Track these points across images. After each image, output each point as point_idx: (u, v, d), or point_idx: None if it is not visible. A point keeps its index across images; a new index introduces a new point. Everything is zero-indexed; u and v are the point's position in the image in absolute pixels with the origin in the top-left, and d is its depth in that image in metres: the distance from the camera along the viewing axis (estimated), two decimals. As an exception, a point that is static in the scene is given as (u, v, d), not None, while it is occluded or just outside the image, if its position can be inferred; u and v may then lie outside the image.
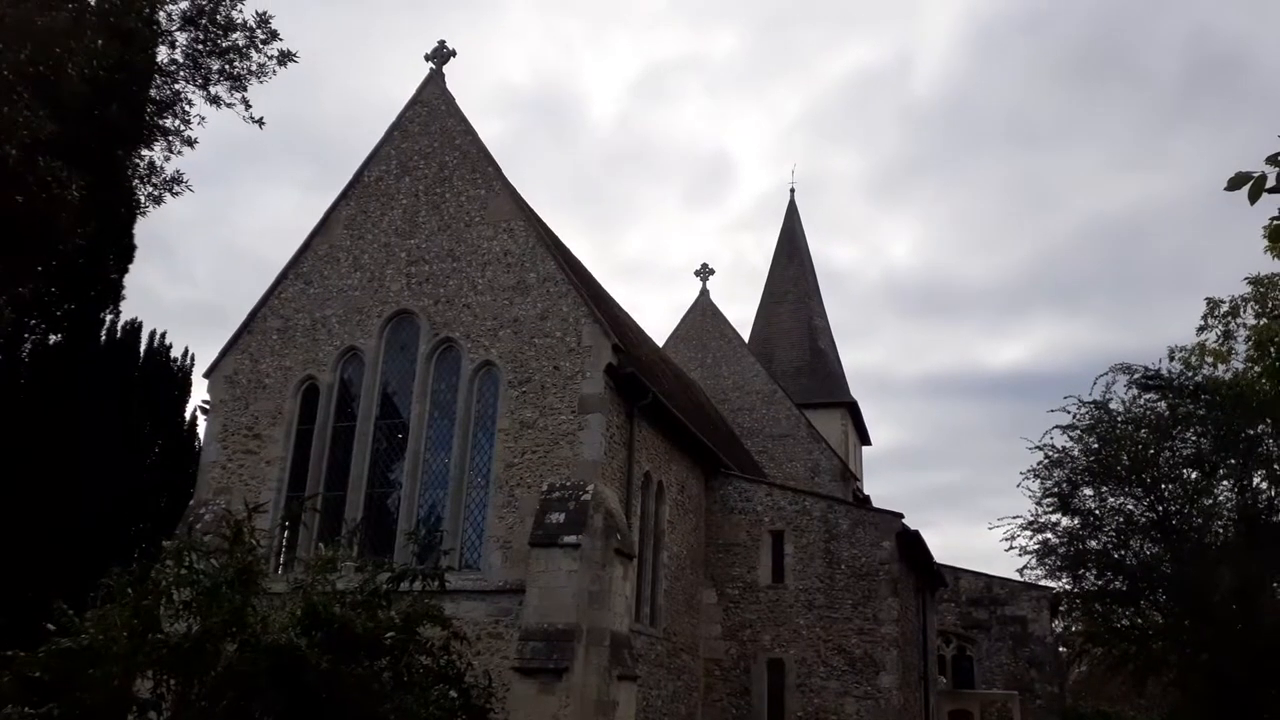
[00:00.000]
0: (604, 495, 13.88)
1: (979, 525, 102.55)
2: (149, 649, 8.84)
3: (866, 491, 32.71)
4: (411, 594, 10.58)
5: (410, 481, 15.06)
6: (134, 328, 24.15)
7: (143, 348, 24.17)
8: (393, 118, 17.29)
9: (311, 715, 8.80)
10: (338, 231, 16.90)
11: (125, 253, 21.84)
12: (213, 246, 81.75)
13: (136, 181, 20.47)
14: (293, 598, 9.65)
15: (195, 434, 24.63)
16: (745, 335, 33.13)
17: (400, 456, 15.45)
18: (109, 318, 22.40)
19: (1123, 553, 20.06)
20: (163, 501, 22.68)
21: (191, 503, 16.25)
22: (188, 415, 25.59)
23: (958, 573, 28.67)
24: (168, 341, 24.99)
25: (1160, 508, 19.54)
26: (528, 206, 16.96)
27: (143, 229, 21.97)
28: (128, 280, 22.33)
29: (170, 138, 19.93)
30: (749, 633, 18.22)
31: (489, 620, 13.74)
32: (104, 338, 22.39)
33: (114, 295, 22.09)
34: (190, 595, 9.33)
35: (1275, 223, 4.35)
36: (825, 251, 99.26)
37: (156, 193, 20.47)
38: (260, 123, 19.59)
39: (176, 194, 20.49)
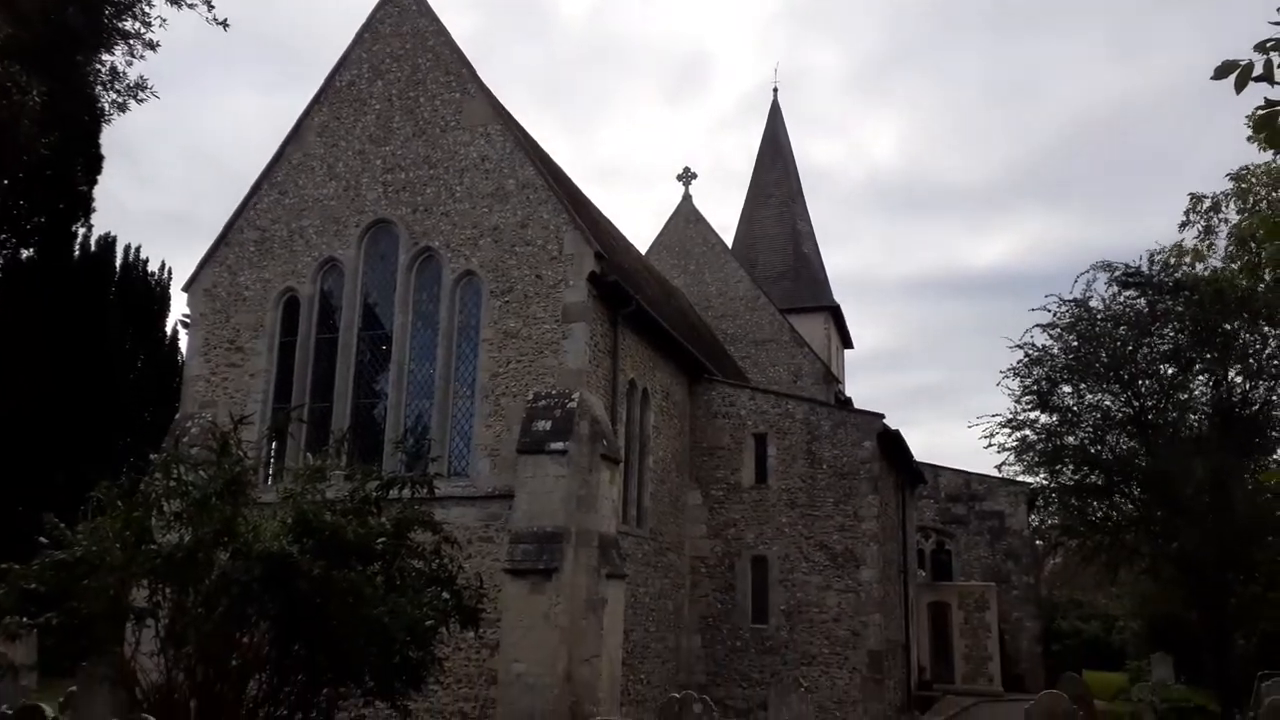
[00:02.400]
0: (589, 403, 13.96)
1: (959, 424, 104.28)
2: (143, 559, 8.95)
3: (848, 393, 33.08)
4: (401, 501, 10.71)
5: (396, 392, 15.09)
6: (108, 241, 23.78)
7: (118, 261, 23.84)
8: (359, 18, 16.75)
9: (307, 619, 9.00)
10: (310, 139, 16.51)
11: (93, 162, 21.35)
12: (175, 152, 79.91)
13: (99, 88, 19.86)
14: (283, 507, 9.75)
15: (177, 348, 24.52)
16: (728, 240, 32.93)
17: (385, 367, 15.44)
18: (81, 230, 22.02)
19: (1099, 448, 20.47)
20: (148, 415, 22.73)
21: (177, 416, 16.26)
22: (168, 329, 25.39)
23: (937, 470, 29.29)
24: (143, 255, 24.64)
25: (1137, 403, 19.88)
26: (504, 110, 16.58)
27: (105, 135, 21.31)
28: (96, 191, 21.85)
29: (131, 41, 19.26)
30: (733, 531, 18.64)
31: (479, 525, 13.97)
32: (77, 252, 22.05)
33: (84, 207, 21.67)
34: (180, 506, 9.42)
35: (1261, 113, 4.28)
36: (808, 150, 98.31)
37: (120, 99, 19.89)
38: (224, 24, 18.92)
39: (141, 100, 19.92)
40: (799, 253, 34.18)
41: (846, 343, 36.57)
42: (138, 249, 25.72)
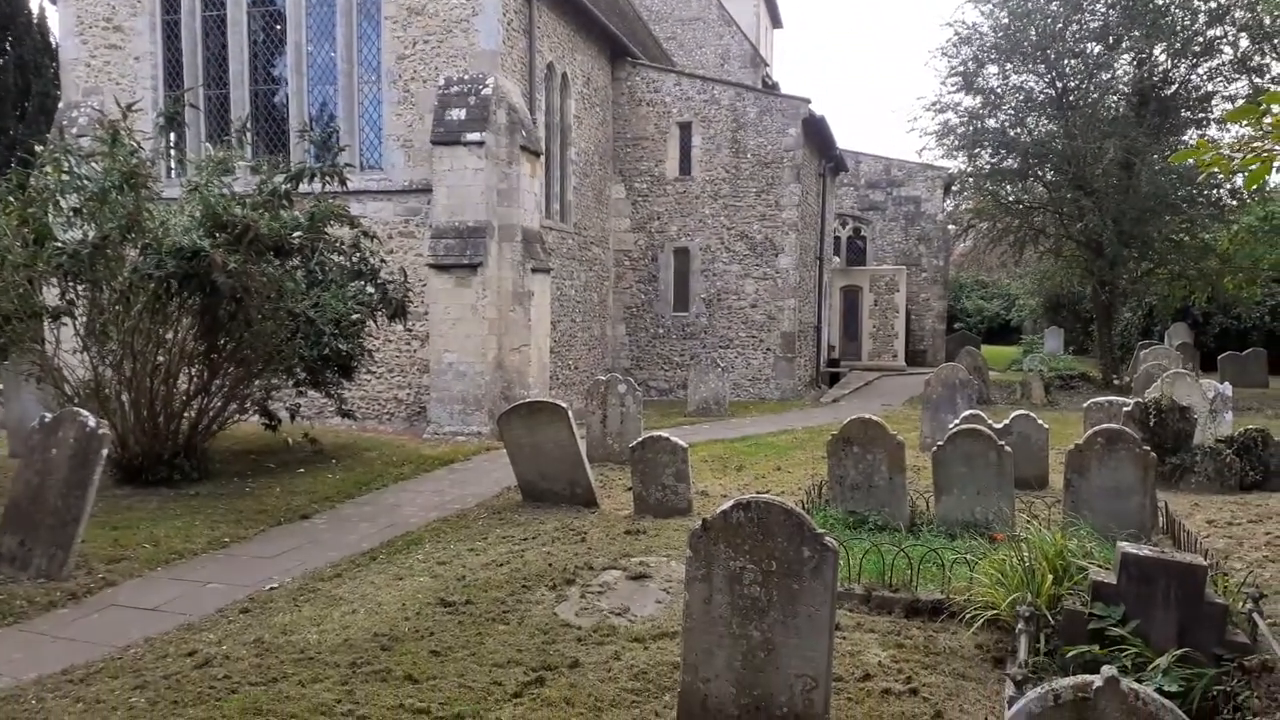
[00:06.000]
0: (505, 89, 13.29)
1: (884, 109, 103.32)
2: (48, 256, 8.65)
3: (776, 78, 32.16)
4: (314, 195, 10.37)
5: (296, 77, 14.09)
6: (-60, -99, 20.72)
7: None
8: None
9: (229, 315, 8.96)
10: None
11: None
12: None
13: None
14: (189, 201, 9.37)
15: (48, 28, 22.35)
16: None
17: (281, 50, 14.29)
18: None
19: (1018, 130, 20.60)
20: (27, 105, 21.12)
21: (61, 105, 15.08)
22: (34, 7, 22.97)
23: (859, 157, 29.37)
24: (-15, -82, 21.66)
25: (1060, 84, 19.79)
26: None
27: None
28: None
29: None
30: (657, 224, 18.76)
31: (398, 220, 13.72)
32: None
33: None
34: (79, 201, 8.97)
35: None
36: None
37: None
38: None
39: None
40: (728, -81, 31.56)
41: (776, 21, 34.99)
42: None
